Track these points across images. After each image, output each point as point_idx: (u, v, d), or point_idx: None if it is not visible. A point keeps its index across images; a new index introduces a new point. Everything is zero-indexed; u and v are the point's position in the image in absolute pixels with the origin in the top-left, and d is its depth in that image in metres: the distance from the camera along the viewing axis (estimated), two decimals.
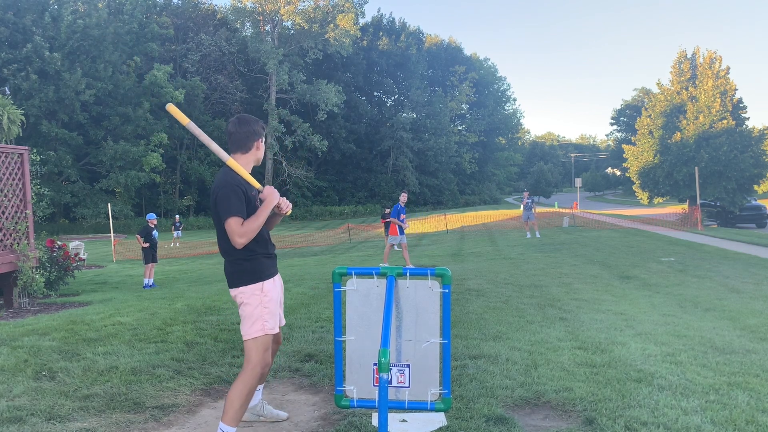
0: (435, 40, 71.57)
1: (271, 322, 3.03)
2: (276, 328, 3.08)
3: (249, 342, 2.99)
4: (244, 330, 3.01)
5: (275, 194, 3.02)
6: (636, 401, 3.63)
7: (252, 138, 3.09)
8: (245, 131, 3.08)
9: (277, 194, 3.04)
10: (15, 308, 8.35)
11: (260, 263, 3.04)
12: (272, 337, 3.10)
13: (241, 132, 3.07)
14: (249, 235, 2.88)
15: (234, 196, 2.89)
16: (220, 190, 2.92)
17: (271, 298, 3.04)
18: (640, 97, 78.70)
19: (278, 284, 3.17)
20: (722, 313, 6.84)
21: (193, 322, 6.28)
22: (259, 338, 2.98)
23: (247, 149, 3.09)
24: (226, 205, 2.88)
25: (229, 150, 3.11)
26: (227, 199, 2.88)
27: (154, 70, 40.94)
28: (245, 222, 2.89)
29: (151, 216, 12.89)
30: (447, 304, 2.92)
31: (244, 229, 2.87)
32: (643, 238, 18.65)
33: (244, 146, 3.09)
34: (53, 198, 33.40)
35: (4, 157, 8.24)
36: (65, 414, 3.55)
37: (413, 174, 59.07)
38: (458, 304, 7.11)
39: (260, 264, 3.03)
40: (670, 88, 35.84)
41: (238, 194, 2.91)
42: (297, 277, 10.94)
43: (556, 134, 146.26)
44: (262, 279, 3.02)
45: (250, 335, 2.98)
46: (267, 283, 3.04)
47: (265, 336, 3.00)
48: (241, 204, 2.90)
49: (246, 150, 3.09)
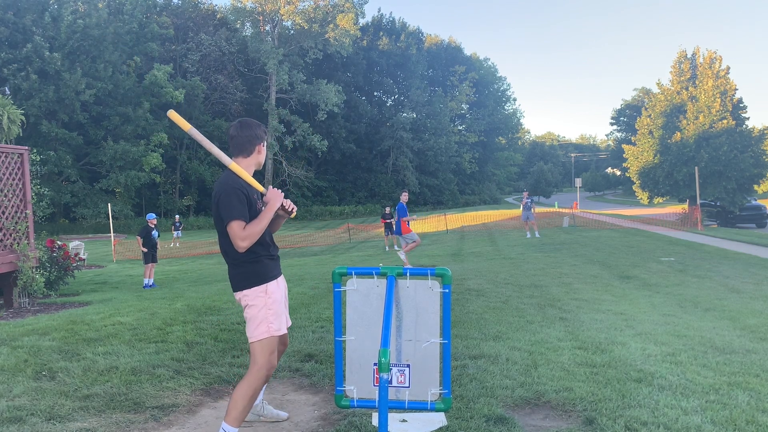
0: (435, 40, 71.56)
1: (277, 323, 3.02)
2: (282, 329, 3.07)
3: (255, 344, 2.98)
4: (250, 332, 3.00)
5: (279, 197, 3.01)
6: (636, 401, 3.63)
7: (254, 142, 3.09)
8: (247, 135, 3.08)
9: (281, 196, 3.03)
10: (15, 308, 8.35)
11: (263, 265, 3.03)
12: (278, 339, 3.11)
13: (243, 136, 3.08)
14: (252, 239, 2.88)
15: (236, 199, 2.89)
16: (222, 193, 2.91)
17: (275, 300, 3.03)
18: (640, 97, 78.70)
19: (282, 285, 3.17)
20: (722, 313, 6.84)
21: (193, 322, 6.28)
22: (265, 340, 2.97)
23: (248, 153, 3.10)
24: (228, 208, 2.87)
25: (231, 153, 3.11)
26: (229, 202, 2.88)
27: (154, 70, 40.95)
28: (248, 225, 2.88)
29: (150, 216, 12.89)
30: (447, 304, 2.92)
31: (246, 232, 2.86)
32: (643, 238, 18.65)
33: (246, 150, 3.09)
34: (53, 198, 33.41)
35: (4, 157, 8.24)
36: (65, 414, 3.54)
37: (413, 174, 59.07)
38: (458, 304, 7.11)
39: (263, 266, 3.03)
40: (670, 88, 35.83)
41: (240, 197, 2.90)
42: (297, 277, 10.94)
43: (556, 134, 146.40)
44: (265, 281, 3.01)
45: (256, 337, 2.98)
46: (271, 285, 3.03)
47: (270, 338, 2.99)
48: (243, 207, 2.89)
49: (248, 154, 3.10)
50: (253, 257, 2.99)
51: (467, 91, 68.96)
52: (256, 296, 2.99)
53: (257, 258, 3.01)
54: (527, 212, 20.29)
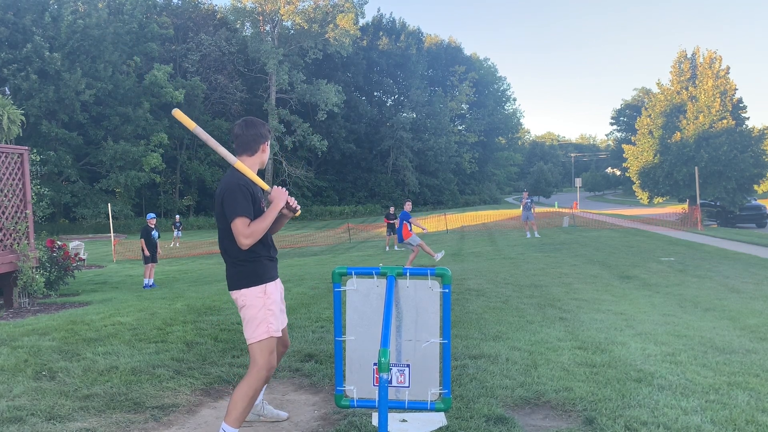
0: (435, 40, 71.56)
1: (276, 324, 3.03)
2: (280, 331, 3.07)
3: (254, 345, 2.98)
4: (249, 333, 2.99)
5: (284, 195, 3.02)
6: (636, 401, 3.63)
7: (258, 141, 3.10)
8: (252, 134, 3.09)
9: (286, 195, 3.03)
10: (15, 308, 8.36)
11: (263, 265, 3.03)
12: (277, 340, 3.10)
13: (248, 135, 3.08)
14: (255, 236, 2.88)
15: (241, 196, 2.89)
16: (226, 191, 2.92)
17: (274, 300, 3.04)
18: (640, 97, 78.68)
19: (279, 287, 3.17)
20: (722, 313, 6.84)
21: (193, 322, 6.28)
22: (264, 341, 2.97)
23: (253, 152, 3.10)
24: (233, 205, 2.88)
25: (236, 152, 3.12)
26: (234, 200, 2.88)
27: (154, 70, 40.93)
28: (252, 223, 2.89)
29: (150, 216, 12.89)
30: (447, 304, 2.92)
31: (250, 230, 2.86)
32: (643, 238, 18.65)
33: (250, 149, 3.10)
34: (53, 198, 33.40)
35: (4, 157, 8.24)
36: (65, 414, 3.55)
37: (413, 174, 59.07)
38: (458, 304, 7.11)
39: (262, 266, 3.02)
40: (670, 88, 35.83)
41: (245, 194, 2.91)
42: (297, 277, 10.94)
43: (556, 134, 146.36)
44: (264, 281, 3.01)
45: (256, 338, 2.97)
46: (270, 285, 3.03)
47: (270, 338, 2.99)
48: (248, 204, 2.90)
49: (252, 152, 3.10)
50: (254, 257, 2.99)
51: (467, 91, 68.95)
52: (255, 297, 2.98)
53: (257, 258, 3.00)
54: (527, 212, 20.31)
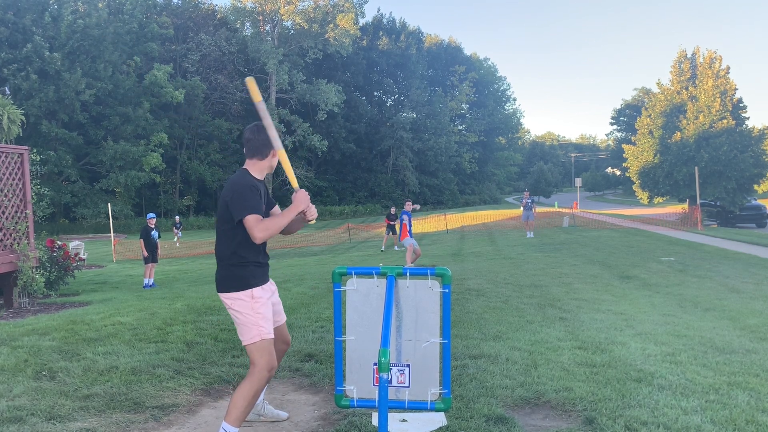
0: (435, 40, 71.54)
1: (267, 326, 3.03)
2: (272, 332, 3.07)
3: (250, 347, 3.00)
4: (242, 337, 3.02)
5: (306, 199, 3.05)
6: (636, 401, 3.63)
7: (269, 146, 3.12)
8: (263, 139, 3.11)
9: (308, 199, 3.07)
10: (15, 308, 8.35)
11: (249, 271, 3.03)
12: (277, 337, 3.11)
13: (259, 139, 3.11)
14: (270, 233, 2.90)
15: (250, 194, 2.93)
16: (234, 192, 2.94)
17: (262, 303, 3.04)
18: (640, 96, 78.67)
19: (270, 288, 3.19)
20: (722, 313, 6.84)
21: (193, 322, 6.28)
22: (258, 343, 2.99)
23: (263, 156, 3.13)
24: (242, 203, 2.90)
25: (246, 155, 3.15)
26: (243, 198, 2.91)
27: (154, 70, 40.92)
28: (269, 219, 2.94)
29: (150, 216, 12.89)
30: (447, 303, 2.92)
31: (265, 224, 2.90)
32: (643, 238, 18.65)
33: (261, 153, 3.12)
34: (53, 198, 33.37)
35: (4, 157, 8.24)
36: (65, 414, 3.55)
37: (413, 174, 59.06)
38: (458, 304, 7.11)
39: (249, 272, 3.03)
40: (670, 88, 35.84)
41: (254, 192, 2.95)
42: (297, 277, 10.94)
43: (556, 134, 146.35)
44: (250, 286, 3.02)
45: (249, 341, 2.99)
46: (257, 290, 3.04)
47: (263, 341, 3.00)
48: (258, 202, 2.94)
49: (262, 156, 3.13)
50: (242, 262, 3.01)
51: (467, 91, 68.93)
52: (243, 302, 2.99)
53: (244, 263, 3.01)
54: (528, 212, 20.31)
